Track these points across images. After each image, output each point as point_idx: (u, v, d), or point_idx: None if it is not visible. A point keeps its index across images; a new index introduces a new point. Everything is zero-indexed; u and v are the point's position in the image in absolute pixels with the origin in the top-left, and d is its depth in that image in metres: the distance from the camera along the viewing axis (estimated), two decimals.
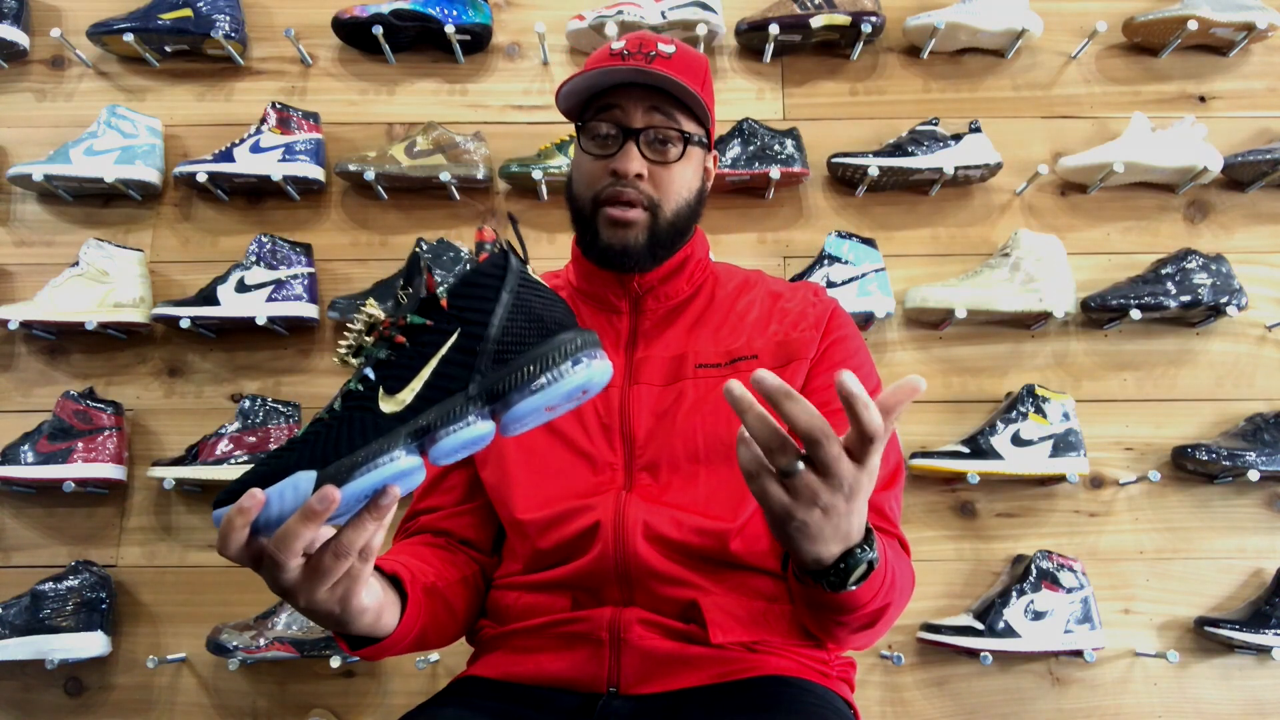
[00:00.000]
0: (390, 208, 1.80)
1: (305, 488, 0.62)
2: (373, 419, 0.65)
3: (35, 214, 1.80)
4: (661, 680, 0.90)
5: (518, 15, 1.88)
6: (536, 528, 0.96)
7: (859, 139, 1.81)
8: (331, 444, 0.64)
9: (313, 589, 0.66)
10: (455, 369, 0.66)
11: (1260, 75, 1.85)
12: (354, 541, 0.65)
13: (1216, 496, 1.65)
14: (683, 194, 1.03)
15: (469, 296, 0.68)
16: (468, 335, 0.66)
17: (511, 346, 0.66)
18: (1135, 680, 1.59)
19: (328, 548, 0.64)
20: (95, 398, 1.63)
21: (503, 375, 0.65)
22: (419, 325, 0.67)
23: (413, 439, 0.64)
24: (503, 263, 0.69)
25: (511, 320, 0.67)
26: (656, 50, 1.00)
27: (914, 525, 1.64)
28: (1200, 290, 1.63)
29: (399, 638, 0.83)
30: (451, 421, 0.64)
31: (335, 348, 0.71)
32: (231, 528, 0.62)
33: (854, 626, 0.81)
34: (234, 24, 1.79)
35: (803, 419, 0.62)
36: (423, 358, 0.66)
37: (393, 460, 0.63)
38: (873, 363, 1.05)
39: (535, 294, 0.69)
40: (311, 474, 0.62)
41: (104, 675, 1.61)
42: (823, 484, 0.65)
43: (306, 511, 0.61)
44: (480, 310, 0.67)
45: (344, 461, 0.63)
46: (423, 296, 0.68)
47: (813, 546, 0.69)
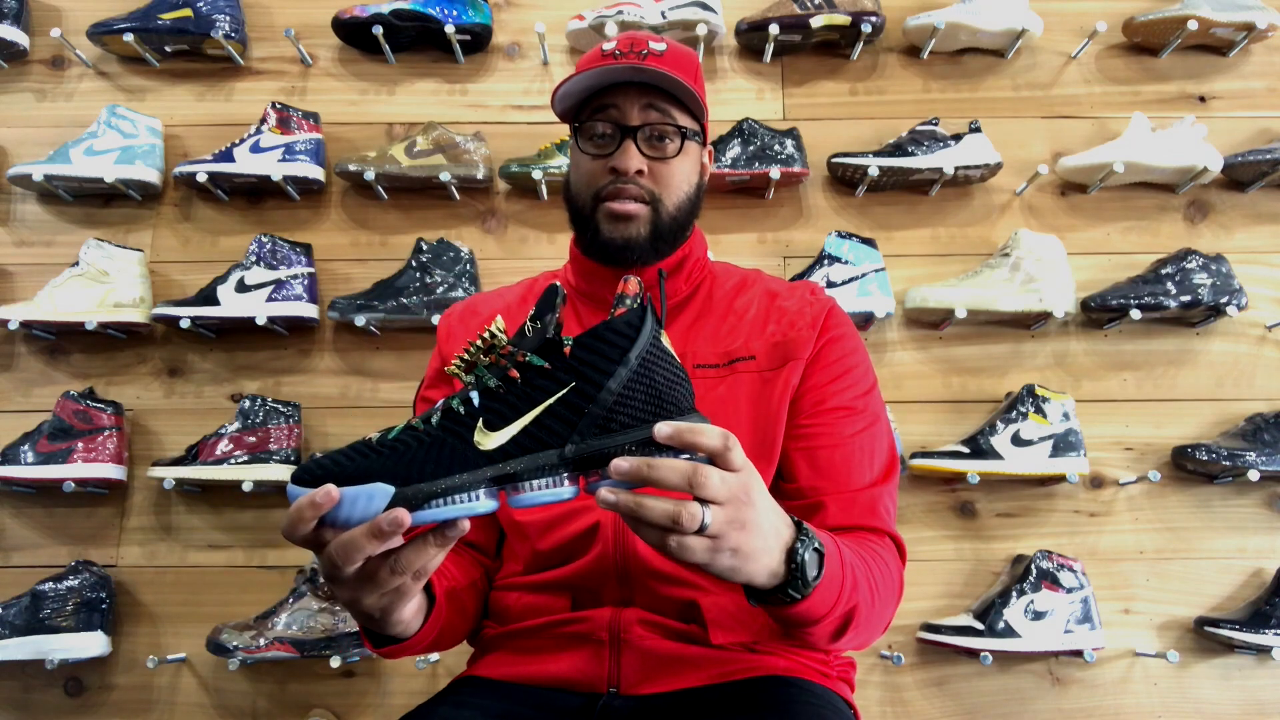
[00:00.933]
0: (390, 208, 1.80)
1: (380, 502, 0.62)
2: (463, 451, 0.63)
3: (35, 214, 1.80)
4: (662, 680, 0.90)
5: (518, 15, 1.89)
6: (536, 529, 0.96)
7: (859, 139, 1.81)
8: (417, 464, 0.63)
9: (362, 594, 0.67)
10: (558, 424, 0.64)
11: (1260, 75, 1.85)
12: (413, 563, 0.65)
13: (1216, 496, 1.65)
14: (682, 188, 1.03)
15: (594, 351, 0.65)
16: (580, 393, 0.64)
17: (620, 416, 0.64)
18: (1135, 680, 1.59)
19: (385, 561, 0.65)
20: (95, 398, 1.63)
21: (602, 446, 0.63)
22: (536, 366, 0.65)
23: (496, 484, 0.63)
24: (638, 324, 0.65)
25: (629, 389, 0.64)
26: (648, 49, 1.01)
27: (914, 525, 1.64)
28: (1200, 290, 1.63)
29: (420, 639, 0.83)
30: (538, 477, 0.63)
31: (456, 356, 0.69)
32: (301, 517, 0.62)
33: (826, 635, 0.79)
34: (234, 24, 1.79)
35: (674, 475, 0.61)
36: (530, 401, 0.64)
37: (471, 501, 0.62)
38: (869, 362, 1.05)
39: (662, 366, 0.65)
40: (390, 490, 0.62)
41: (104, 675, 1.61)
42: (726, 509, 0.64)
43: (374, 529, 0.61)
44: (600, 370, 0.64)
45: (423, 487, 0.62)
46: (548, 336, 0.65)
47: (755, 565, 0.67)
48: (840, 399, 0.98)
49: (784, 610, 0.73)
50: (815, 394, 0.97)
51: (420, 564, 0.65)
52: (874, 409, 1.00)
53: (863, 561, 0.83)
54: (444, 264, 1.68)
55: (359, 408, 1.71)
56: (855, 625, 0.80)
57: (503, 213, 1.80)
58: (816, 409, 0.97)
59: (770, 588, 0.71)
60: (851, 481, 0.94)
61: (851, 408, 0.97)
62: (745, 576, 0.68)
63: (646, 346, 0.65)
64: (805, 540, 0.71)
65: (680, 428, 0.62)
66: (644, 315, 0.66)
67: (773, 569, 0.69)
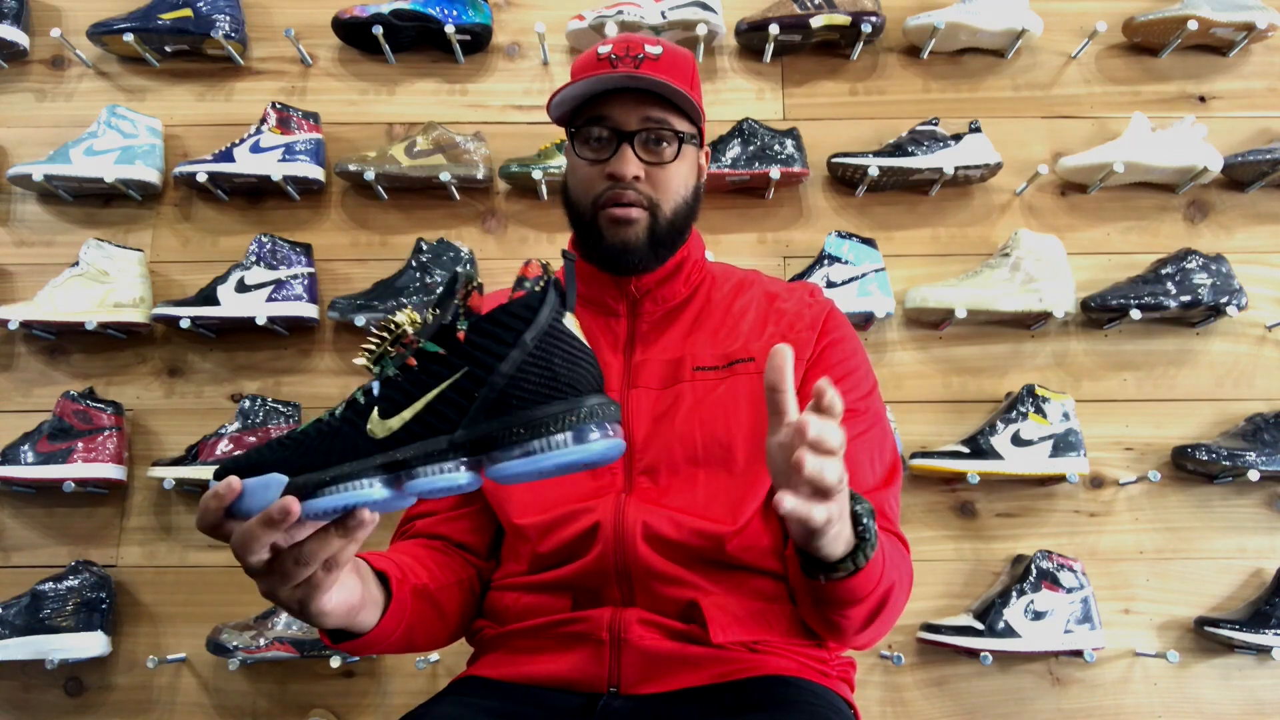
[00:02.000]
0: (390, 208, 1.80)
1: (275, 491, 0.61)
2: (355, 439, 0.63)
3: (35, 214, 1.80)
4: (662, 680, 0.90)
5: (518, 15, 1.88)
6: (536, 532, 0.96)
7: (859, 139, 1.81)
8: (312, 454, 0.62)
9: (274, 586, 0.67)
10: (448, 409, 0.62)
11: (1260, 75, 1.85)
12: (316, 554, 0.64)
13: (1216, 496, 1.65)
14: (680, 192, 1.03)
15: (487, 335, 0.63)
16: (471, 376, 0.62)
17: (514, 399, 0.61)
18: (1135, 680, 1.59)
19: (290, 553, 0.64)
20: (95, 398, 1.63)
21: (492, 430, 0.61)
22: (431, 352, 0.63)
23: (387, 471, 0.62)
24: (534, 305, 0.63)
25: (524, 371, 0.62)
26: (644, 53, 1.01)
27: (914, 525, 1.64)
28: (1200, 290, 1.63)
29: (379, 636, 0.83)
30: (429, 463, 0.62)
31: (361, 348, 0.69)
32: (206, 508, 0.63)
33: (861, 618, 0.82)
34: (234, 24, 1.79)
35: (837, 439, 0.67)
36: (423, 388, 0.63)
37: (360, 488, 0.61)
38: (869, 364, 1.05)
39: (561, 347, 0.63)
40: (283, 479, 0.61)
41: (104, 675, 1.61)
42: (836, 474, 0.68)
43: (265, 518, 0.61)
44: (492, 353, 0.62)
45: (313, 477, 0.61)
46: (444, 323, 0.64)
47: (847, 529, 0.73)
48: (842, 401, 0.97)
49: (838, 585, 0.77)
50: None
51: (324, 554, 0.65)
52: (875, 411, 1.00)
53: (889, 544, 0.86)
54: (444, 264, 1.68)
55: None
56: (885, 611, 0.84)
57: (503, 213, 1.80)
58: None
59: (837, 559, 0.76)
60: (856, 483, 0.94)
61: (854, 410, 0.97)
62: (830, 543, 0.73)
63: (544, 328, 0.63)
64: (861, 504, 0.76)
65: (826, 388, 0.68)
66: (544, 297, 0.64)
67: (847, 535, 0.75)
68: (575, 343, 0.64)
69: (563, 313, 0.64)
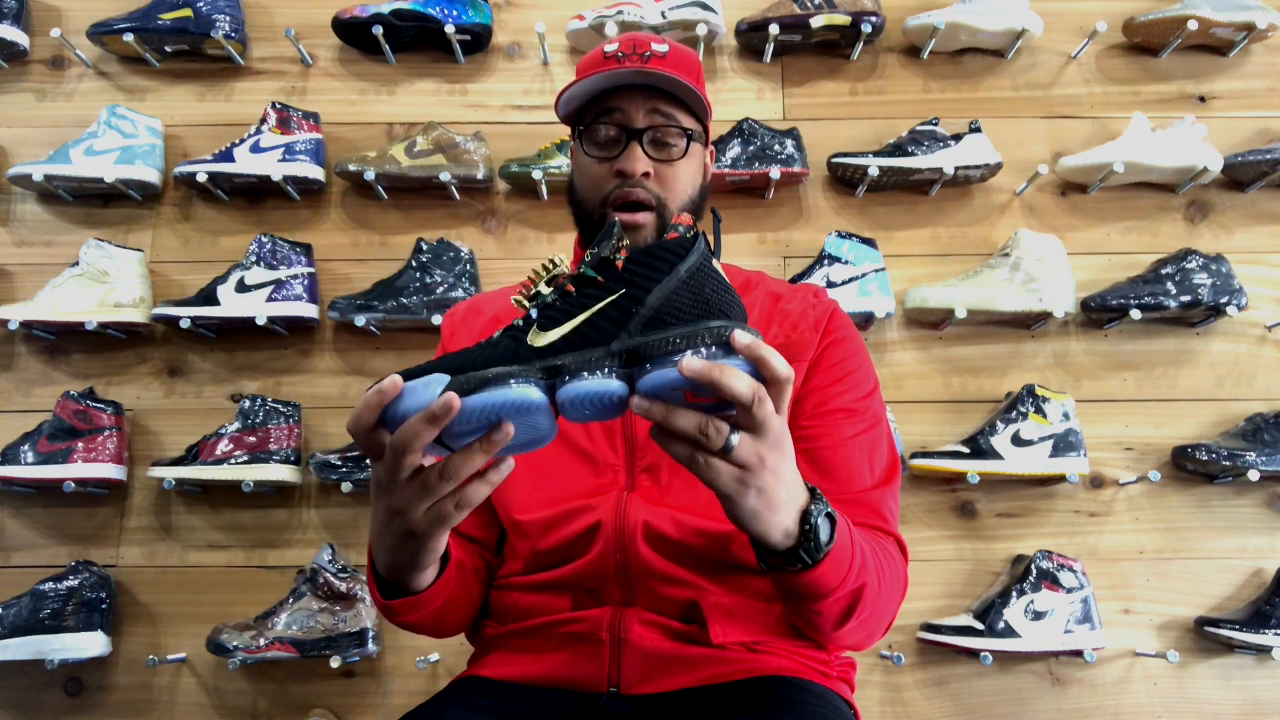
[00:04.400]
0: (390, 208, 1.80)
1: (436, 389, 0.63)
2: (516, 347, 0.66)
3: (35, 214, 1.80)
4: (662, 680, 0.90)
5: (518, 15, 1.88)
6: (536, 528, 0.97)
7: (859, 139, 1.81)
8: (473, 359, 0.65)
9: (414, 503, 0.68)
10: (607, 323, 0.65)
11: (1260, 75, 1.85)
12: (460, 468, 0.66)
13: (1216, 496, 1.65)
14: (688, 191, 1.04)
15: (644, 264, 0.67)
16: (629, 297, 0.66)
17: (667, 317, 0.65)
18: (1135, 680, 1.59)
19: (435, 467, 0.66)
20: (95, 398, 1.63)
21: (647, 340, 0.64)
22: (589, 278, 0.67)
23: (545, 375, 0.65)
24: (688, 244, 0.67)
25: (676, 294, 0.65)
26: (650, 50, 1.01)
27: (914, 525, 1.64)
28: (1200, 290, 1.63)
29: (430, 597, 0.84)
30: (585, 369, 0.64)
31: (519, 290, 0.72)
32: (366, 405, 0.64)
33: (834, 616, 0.80)
34: (234, 24, 1.79)
35: (741, 385, 0.62)
36: (582, 307, 0.66)
37: (519, 387, 0.64)
38: (871, 364, 1.05)
39: (712, 281, 0.67)
40: (445, 378, 0.63)
41: (104, 675, 1.61)
42: (761, 442, 0.65)
43: (428, 414, 0.62)
44: (649, 278, 0.66)
45: (474, 375, 0.63)
46: (604, 256, 0.68)
47: (775, 516, 0.69)
48: (841, 401, 0.98)
49: (795, 579, 0.74)
50: (817, 396, 0.98)
51: (467, 470, 0.66)
52: (875, 411, 1.00)
53: (870, 548, 0.83)
54: (444, 264, 1.68)
55: None
56: (861, 608, 0.81)
57: (503, 213, 1.80)
58: (818, 411, 0.97)
59: (782, 551, 0.72)
60: (853, 483, 0.94)
61: (853, 410, 0.98)
62: (763, 526, 0.69)
63: (697, 263, 0.66)
64: (819, 505, 0.73)
65: (755, 342, 0.63)
66: (695, 240, 0.68)
67: (788, 527, 0.71)
68: (723, 281, 0.67)
69: (712, 255, 0.68)
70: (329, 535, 1.66)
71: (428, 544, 0.73)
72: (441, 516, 0.69)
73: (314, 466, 1.60)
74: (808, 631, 0.91)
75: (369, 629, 1.53)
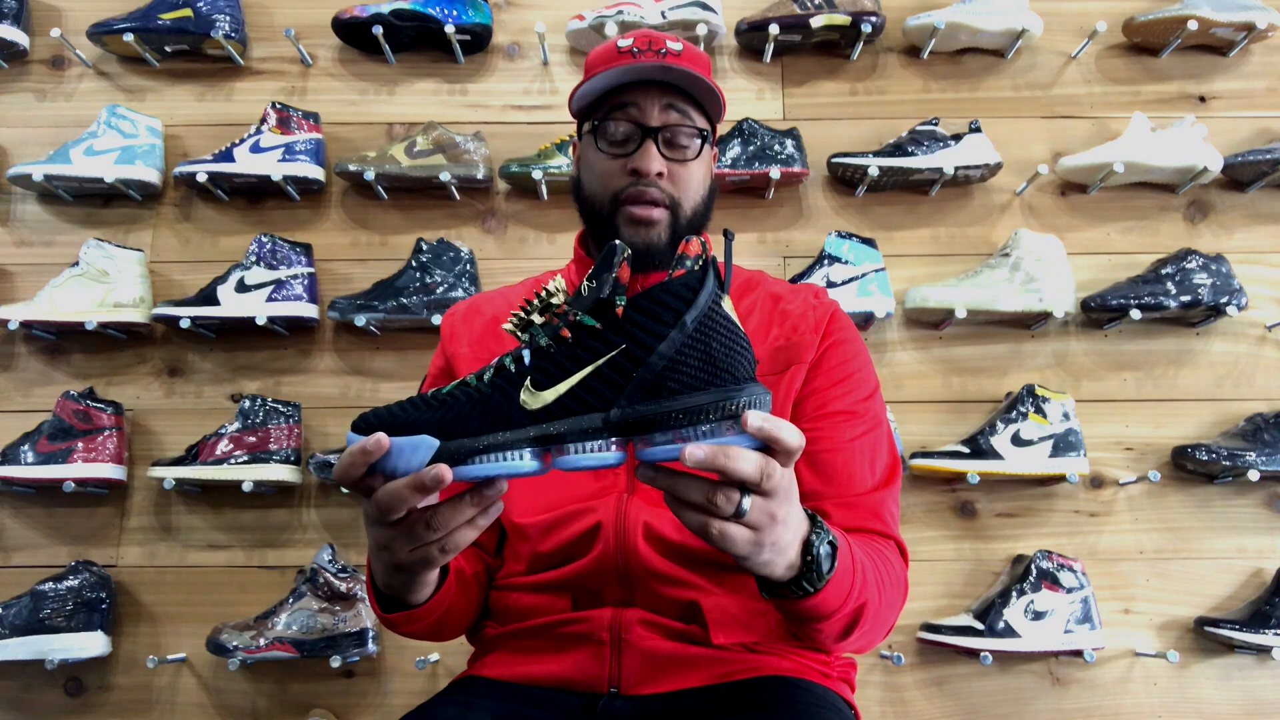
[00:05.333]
0: (390, 208, 1.80)
1: (425, 455, 0.62)
2: (509, 409, 0.63)
3: (35, 214, 1.80)
4: (662, 681, 0.90)
5: (518, 15, 1.88)
6: (537, 531, 0.96)
7: (859, 139, 1.81)
8: (463, 420, 0.63)
9: (397, 545, 0.69)
10: (605, 386, 0.62)
11: (1260, 75, 1.85)
12: (449, 520, 0.66)
13: (1216, 496, 1.65)
14: (700, 191, 1.03)
15: (646, 313, 0.62)
16: (629, 355, 0.62)
17: (671, 382, 0.61)
18: (1135, 680, 1.59)
19: (423, 515, 0.66)
20: (95, 398, 1.63)
21: (648, 413, 0.61)
22: (588, 326, 0.63)
23: (539, 444, 0.63)
24: (696, 286, 0.62)
25: (682, 354, 0.61)
26: (666, 48, 1.00)
27: (914, 525, 1.64)
28: (1200, 290, 1.63)
29: (428, 610, 0.84)
30: (581, 440, 0.62)
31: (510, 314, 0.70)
32: (353, 462, 0.64)
33: (835, 633, 0.80)
34: (234, 24, 1.79)
35: (749, 467, 0.60)
36: (578, 362, 0.63)
37: (511, 461, 0.62)
38: (872, 365, 1.05)
39: (720, 331, 0.62)
40: (435, 443, 0.62)
41: (104, 675, 1.61)
42: (771, 502, 0.64)
43: (417, 482, 0.62)
44: (651, 332, 0.62)
45: (466, 443, 0.62)
46: (602, 296, 0.63)
47: (782, 559, 0.69)
48: (842, 403, 0.97)
49: (796, 604, 0.74)
50: (817, 398, 0.97)
51: (457, 522, 0.66)
52: (876, 413, 1.00)
53: (871, 561, 0.83)
54: (444, 264, 1.68)
55: (359, 408, 1.70)
56: (863, 624, 0.81)
57: (503, 213, 1.80)
58: (818, 413, 0.97)
59: (783, 581, 0.72)
60: (854, 486, 0.94)
61: (853, 412, 0.97)
62: (770, 570, 0.69)
63: (704, 310, 0.62)
64: (820, 534, 0.72)
65: (769, 421, 0.61)
66: (704, 277, 0.63)
67: (791, 561, 0.70)
68: (732, 327, 0.63)
69: (720, 295, 0.64)
70: (329, 535, 1.66)
71: (416, 578, 0.75)
72: (426, 559, 0.69)
73: (314, 466, 1.60)
74: (809, 643, 0.92)
75: (369, 629, 1.53)
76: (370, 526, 0.70)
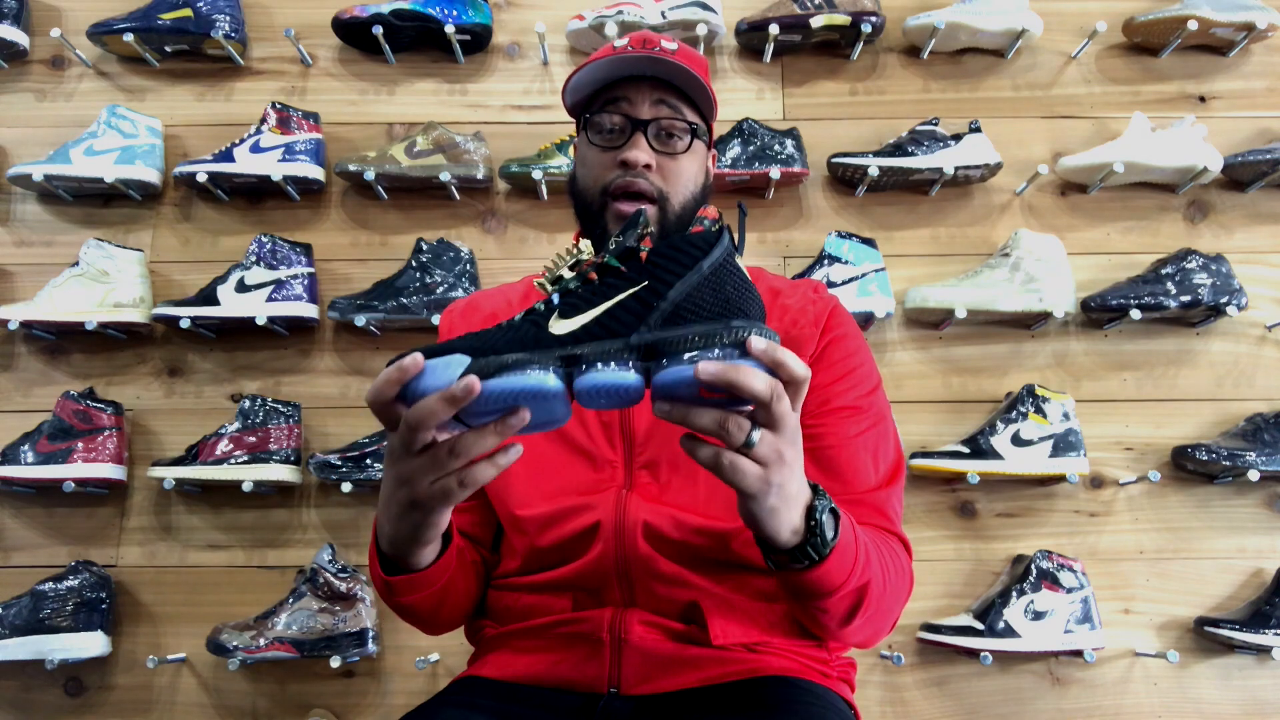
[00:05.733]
0: (390, 208, 1.80)
1: (456, 370, 0.64)
2: (536, 333, 0.67)
3: (35, 214, 1.80)
4: (662, 680, 0.90)
5: (518, 15, 1.88)
6: (535, 524, 0.96)
7: (859, 139, 1.81)
8: (495, 345, 0.66)
9: (422, 475, 0.69)
10: (628, 315, 0.66)
11: (1260, 75, 1.85)
12: (471, 447, 0.67)
13: (1216, 496, 1.65)
14: (690, 186, 1.03)
15: (667, 257, 0.68)
16: (650, 290, 0.67)
17: (687, 313, 0.66)
18: (1135, 680, 1.59)
19: (447, 444, 0.67)
20: (95, 398, 1.63)
21: (665, 336, 0.65)
22: (613, 267, 0.69)
23: (563, 364, 0.66)
24: (713, 239, 0.68)
25: (698, 290, 0.67)
26: (660, 46, 1.01)
27: (914, 525, 1.64)
28: (1200, 290, 1.63)
29: (430, 578, 0.85)
30: (603, 360, 0.65)
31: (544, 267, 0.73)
32: (386, 380, 0.65)
33: (840, 614, 0.81)
34: (234, 24, 1.79)
35: (759, 384, 0.62)
36: (603, 296, 0.68)
37: (538, 374, 0.65)
38: (873, 362, 1.05)
39: (734, 278, 0.68)
40: (465, 359, 0.65)
41: (104, 675, 1.61)
42: (780, 438, 0.66)
43: (448, 395, 0.63)
44: (671, 272, 0.67)
45: (494, 360, 0.65)
46: (628, 245, 0.69)
47: (789, 513, 0.70)
48: (845, 399, 0.97)
49: (801, 576, 0.75)
50: (820, 394, 0.97)
51: (478, 449, 0.67)
52: (879, 408, 1.00)
53: (875, 545, 0.84)
54: (444, 264, 1.68)
55: (359, 408, 1.71)
56: (867, 606, 0.81)
57: (503, 213, 1.80)
58: (821, 409, 0.97)
59: (789, 549, 0.73)
60: (859, 482, 0.94)
61: (856, 407, 0.97)
62: (777, 523, 0.70)
63: (720, 259, 0.68)
64: (822, 500, 0.74)
65: (771, 345, 0.64)
66: (720, 234, 0.69)
67: (795, 524, 0.72)
68: (745, 278, 0.68)
69: (734, 251, 0.69)
70: (329, 535, 1.66)
71: (430, 517, 0.74)
72: (445, 491, 0.70)
73: (314, 466, 1.60)
74: (814, 630, 0.91)
75: (369, 629, 1.53)
76: (393, 464, 0.71)
